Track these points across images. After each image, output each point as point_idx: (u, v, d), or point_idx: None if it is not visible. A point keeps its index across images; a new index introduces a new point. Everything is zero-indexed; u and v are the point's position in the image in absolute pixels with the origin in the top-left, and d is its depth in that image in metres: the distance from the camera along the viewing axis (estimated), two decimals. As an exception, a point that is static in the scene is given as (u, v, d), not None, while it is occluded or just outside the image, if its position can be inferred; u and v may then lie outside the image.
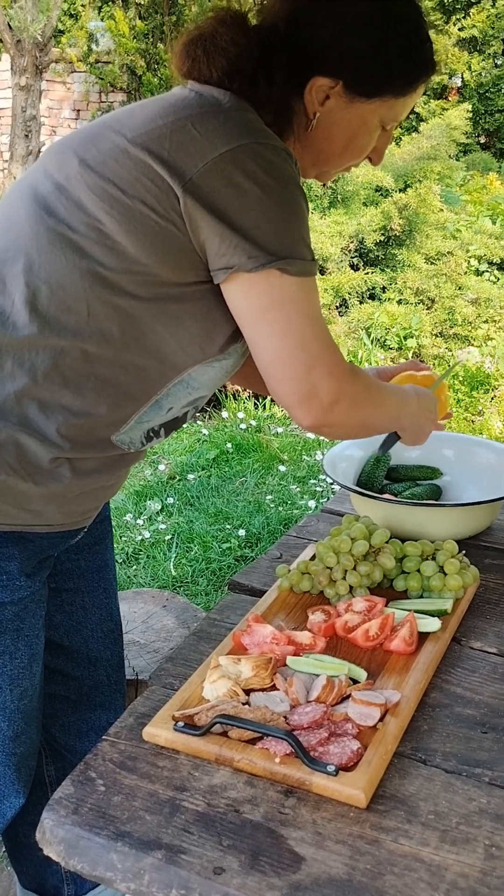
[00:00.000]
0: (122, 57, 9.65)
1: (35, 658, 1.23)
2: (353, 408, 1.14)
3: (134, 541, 3.51)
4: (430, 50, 1.18)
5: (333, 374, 1.10)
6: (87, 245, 1.06)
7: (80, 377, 1.10)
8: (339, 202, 7.69)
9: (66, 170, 1.09)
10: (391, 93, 1.16)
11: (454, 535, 1.52)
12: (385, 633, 1.21)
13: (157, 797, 0.95)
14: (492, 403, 5.36)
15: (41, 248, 1.07)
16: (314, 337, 1.08)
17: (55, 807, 0.94)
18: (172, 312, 1.09)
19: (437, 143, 9.14)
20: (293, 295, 1.06)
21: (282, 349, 1.07)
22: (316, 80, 1.13)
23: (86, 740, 1.46)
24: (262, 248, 1.03)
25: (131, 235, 1.04)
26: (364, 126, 1.19)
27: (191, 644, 1.27)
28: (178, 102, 1.08)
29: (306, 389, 1.09)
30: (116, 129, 1.08)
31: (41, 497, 1.14)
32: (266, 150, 1.04)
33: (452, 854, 0.88)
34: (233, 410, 5.03)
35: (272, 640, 1.18)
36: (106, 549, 1.44)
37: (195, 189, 1.01)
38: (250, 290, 1.05)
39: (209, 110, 1.06)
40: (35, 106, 7.99)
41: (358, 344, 5.99)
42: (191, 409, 1.22)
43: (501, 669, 1.20)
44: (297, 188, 1.07)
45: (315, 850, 0.88)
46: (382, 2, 1.14)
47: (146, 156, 1.03)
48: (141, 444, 1.20)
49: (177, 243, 1.05)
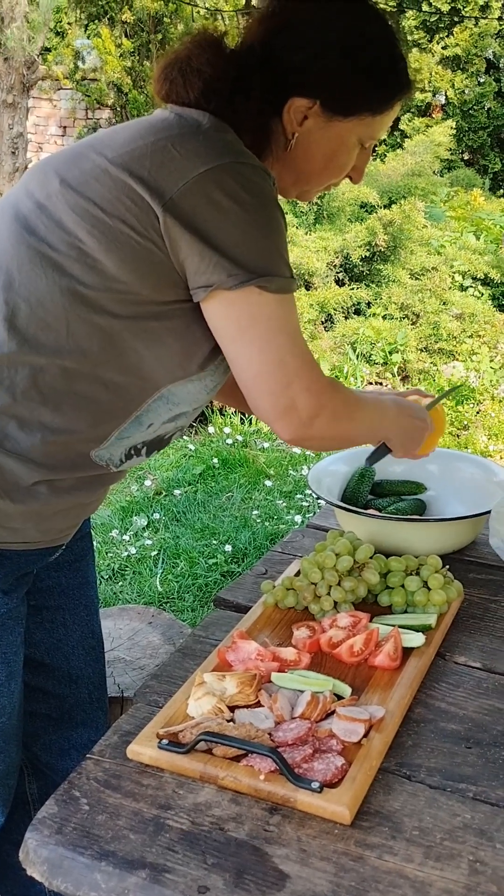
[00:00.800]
0: (108, 74, 9.71)
1: (13, 676, 1.22)
2: (333, 421, 1.16)
3: (120, 557, 3.50)
4: (404, 68, 1.21)
5: (311, 388, 1.11)
6: (67, 263, 1.06)
7: (60, 394, 1.10)
8: (324, 218, 7.75)
9: (48, 189, 1.10)
10: (368, 111, 1.18)
11: (438, 549, 1.53)
12: (370, 649, 1.21)
13: (141, 816, 0.95)
14: (477, 418, 5.39)
15: (21, 266, 1.08)
16: (291, 353, 1.09)
17: (39, 826, 0.94)
18: (152, 330, 1.10)
19: (420, 159, 9.23)
20: (271, 312, 1.07)
21: (260, 366, 1.09)
22: (294, 101, 1.15)
23: (68, 758, 1.45)
24: (241, 266, 1.04)
25: (111, 254, 1.05)
26: (343, 145, 1.20)
27: (176, 661, 1.27)
28: (158, 123, 1.10)
29: (284, 404, 1.10)
30: (98, 149, 1.09)
31: (19, 515, 1.14)
32: (245, 169, 1.05)
33: (437, 870, 0.88)
34: (219, 426, 5.03)
35: (257, 657, 1.18)
36: (87, 565, 1.44)
37: (175, 208, 1.02)
38: (229, 308, 1.07)
39: (189, 131, 1.07)
40: (22, 123, 8.02)
41: (343, 359, 6.02)
42: (172, 427, 1.21)
43: (485, 684, 1.21)
44: (276, 206, 1.08)
45: (300, 867, 0.88)
46: (355, 23, 1.16)
47: (126, 176, 1.04)
48: (120, 461, 1.20)
49: (156, 262, 1.06)
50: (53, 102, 10.47)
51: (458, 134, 12.63)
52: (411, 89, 1.22)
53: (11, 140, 7.92)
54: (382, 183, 8.71)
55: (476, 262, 7.42)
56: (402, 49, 1.20)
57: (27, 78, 7.85)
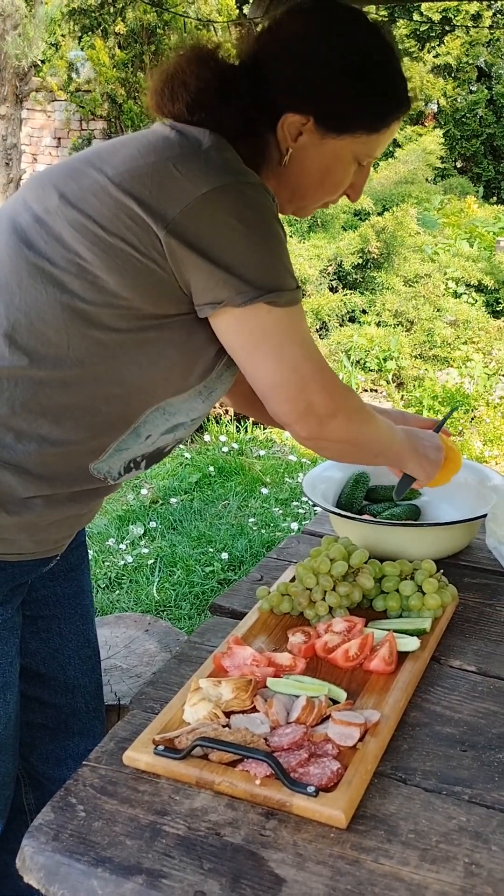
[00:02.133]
0: (102, 85, 9.76)
1: (8, 686, 1.22)
2: (349, 422, 1.18)
3: (116, 565, 3.50)
4: (402, 86, 1.19)
5: (327, 388, 1.14)
6: (66, 279, 1.07)
7: (59, 407, 1.10)
8: (318, 226, 7.78)
9: (46, 203, 1.10)
10: (363, 129, 1.17)
11: (433, 554, 1.54)
12: (365, 653, 1.22)
13: (137, 822, 0.95)
14: (472, 424, 5.40)
15: (21, 281, 1.08)
16: (305, 359, 1.12)
17: (35, 834, 0.94)
18: (153, 343, 1.10)
19: (413, 167, 9.28)
20: (283, 326, 1.09)
21: (276, 376, 1.11)
22: (287, 117, 1.15)
23: (64, 768, 1.44)
24: (249, 283, 1.05)
25: (112, 271, 1.05)
26: (338, 162, 1.20)
27: (171, 667, 1.27)
28: (158, 141, 1.09)
29: (303, 407, 1.14)
30: (97, 165, 1.09)
31: (13, 526, 1.14)
32: (246, 188, 1.06)
33: (433, 873, 0.88)
34: (215, 434, 5.04)
35: (252, 662, 1.19)
36: (82, 575, 1.44)
37: (178, 228, 1.03)
38: (241, 325, 1.08)
39: (190, 150, 1.07)
40: (16, 134, 8.05)
41: (338, 366, 6.03)
42: (171, 438, 1.21)
43: (480, 687, 1.21)
44: (277, 221, 1.10)
45: (296, 871, 0.88)
46: (350, 40, 1.14)
47: (126, 197, 1.04)
48: (119, 474, 1.20)
49: (158, 279, 1.06)
50: (48, 114, 10.51)
51: (451, 142, 12.71)
52: (409, 107, 1.21)
53: (5, 151, 7.95)
54: (376, 191, 8.76)
55: (469, 268, 7.45)
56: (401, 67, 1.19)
57: (20, 89, 7.89)
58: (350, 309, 6.75)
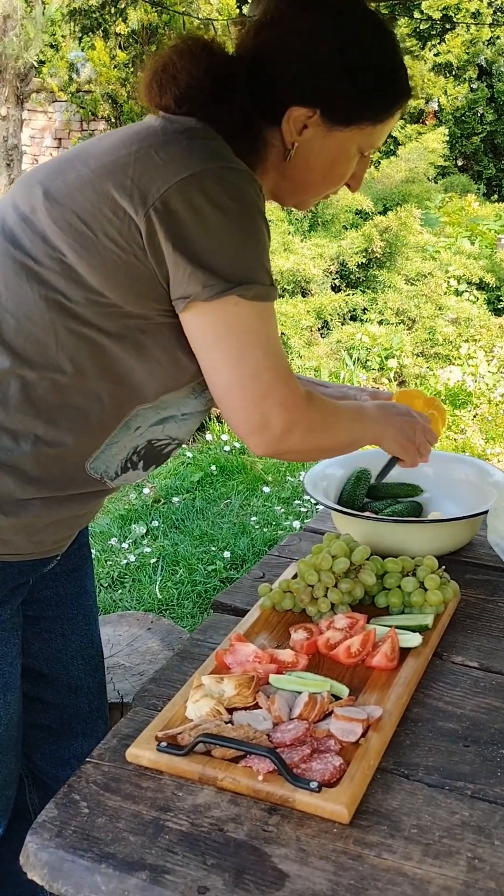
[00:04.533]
0: (103, 86, 9.76)
1: (9, 686, 1.22)
2: (308, 435, 1.14)
3: (119, 565, 3.51)
4: (404, 76, 1.19)
5: (285, 404, 1.09)
6: (51, 277, 1.06)
7: (53, 407, 1.10)
8: (319, 225, 7.78)
9: (32, 202, 1.09)
10: (369, 120, 1.17)
11: (435, 551, 1.54)
12: (367, 650, 1.22)
13: (140, 818, 0.95)
14: (474, 422, 5.40)
15: (8, 280, 1.08)
16: (266, 367, 1.07)
17: (39, 830, 0.94)
18: (140, 342, 1.10)
19: (415, 166, 9.28)
20: (248, 324, 1.05)
21: (234, 378, 1.07)
22: (293, 111, 1.14)
23: (68, 768, 1.44)
24: (218, 275, 1.02)
25: (94, 269, 1.05)
26: (343, 154, 1.20)
27: (174, 664, 1.27)
28: (142, 131, 1.09)
29: (257, 419, 1.09)
30: (83, 159, 1.09)
31: (10, 527, 1.14)
32: (229, 174, 1.04)
33: (436, 867, 0.88)
34: (216, 433, 5.04)
35: (255, 659, 1.19)
36: (85, 575, 1.43)
37: (157, 215, 1.01)
38: (205, 319, 1.05)
39: (173, 137, 1.06)
40: (17, 135, 8.05)
41: (340, 364, 6.03)
42: (160, 430, 1.20)
43: (483, 683, 1.21)
44: (259, 213, 1.07)
45: (299, 866, 0.88)
46: (354, 32, 1.14)
47: (109, 186, 1.04)
48: (116, 474, 1.19)
49: (139, 276, 1.05)
50: (48, 114, 10.51)
51: (452, 140, 12.69)
52: (410, 97, 1.21)
53: (6, 152, 7.96)
54: (377, 190, 8.75)
55: (471, 266, 7.44)
56: (401, 56, 1.19)
57: (21, 90, 7.90)
58: (352, 308, 6.75)
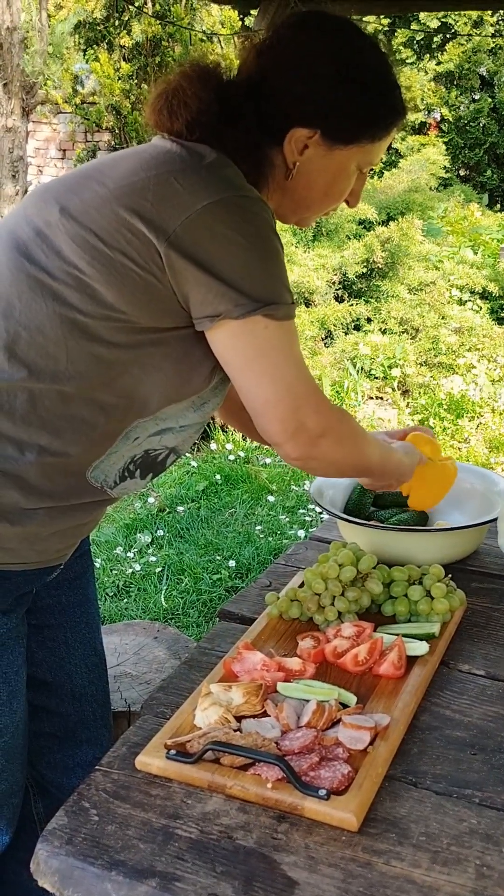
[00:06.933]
0: (107, 97, 9.82)
1: (14, 695, 1.23)
2: (338, 444, 1.19)
3: (125, 574, 3.51)
4: (399, 94, 1.24)
5: (319, 410, 1.15)
6: (66, 292, 1.08)
7: (58, 418, 1.11)
8: (323, 236, 7.81)
9: (47, 217, 1.11)
10: (367, 138, 1.21)
11: (441, 559, 1.54)
12: (374, 658, 1.22)
13: (150, 825, 0.96)
14: (477, 431, 5.41)
15: (21, 294, 1.09)
16: (299, 380, 1.13)
17: (49, 837, 0.95)
18: (151, 356, 1.11)
19: (417, 177, 9.32)
20: (278, 342, 1.10)
21: (270, 394, 1.12)
22: (295, 132, 1.17)
23: (73, 777, 1.44)
24: (247, 295, 1.06)
25: (111, 285, 1.06)
26: (343, 171, 1.23)
27: (182, 673, 1.28)
28: (160, 155, 1.11)
29: (294, 426, 1.13)
30: (99, 179, 1.11)
31: (14, 536, 1.15)
32: (245, 202, 1.08)
33: (444, 875, 0.89)
34: (221, 442, 5.05)
35: (262, 667, 1.19)
36: (87, 583, 1.44)
37: (178, 241, 1.04)
38: (237, 339, 1.09)
39: (192, 164, 1.09)
40: (22, 147, 8.12)
41: (343, 374, 6.05)
42: (157, 441, 1.21)
43: (489, 691, 1.22)
44: (275, 235, 1.11)
45: (308, 874, 0.89)
46: (352, 53, 1.18)
47: (127, 211, 1.06)
48: (115, 483, 1.20)
49: (156, 293, 1.07)
50: (53, 126, 10.57)
51: (454, 150, 12.74)
52: (406, 113, 1.25)
53: (12, 164, 8.02)
54: (380, 200, 8.79)
55: (473, 276, 7.47)
56: (396, 75, 1.23)
57: (27, 102, 7.96)
58: (355, 317, 6.77)
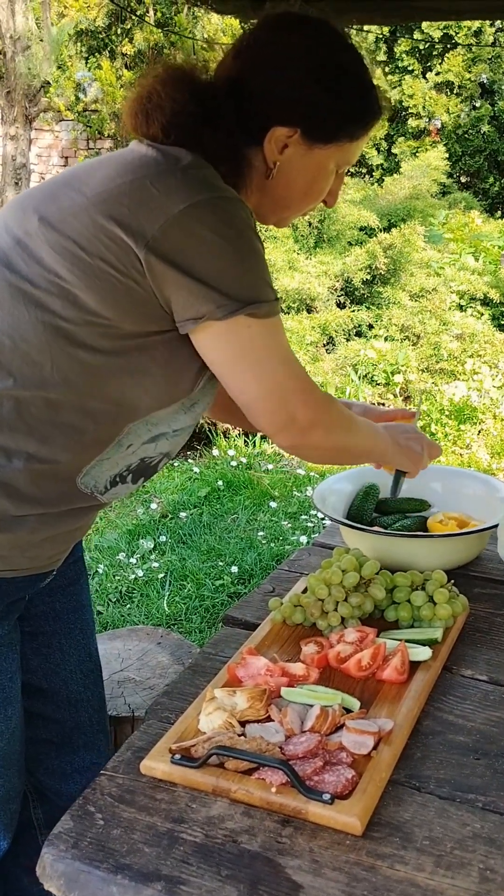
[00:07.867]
0: (109, 105, 9.86)
1: (9, 701, 1.23)
2: (329, 432, 1.22)
3: (127, 579, 3.52)
4: (377, 94, 1.25)
5: (308, 402, 1.17)
6: (48, 300, 1.08)
7: (45, 425, 1.11)
8: (324, 242, 7.83)
9: (26, 226, 1.11)
10: (347, 137, 1.22)
11: (443, 565, 1.55)
12: (377, 663, 1.23)
13: (155, 829, 0.96)
14: (479, 437, 5.41)
15: (3, 303, 1.10)
16: (286, 375, 1.15)
17: (55, 841, 0.95)
18: (136, 361, 1.11)
19: (418, 183, 9.35)
20: (262, 340, 1.11)
21: (259, 391, 1.14)
22: (275, 131, 1.17)
23: (71, 782, 1.44)
24: (229, 296, 1.06)
25: (92, 291, 1.07)
26: (322, 171, 1.24)
27: (186, 678, 1.28)
28: (136, 160, 1.11)
29: (284, 419, 1.16)
30: (76, 186, 1.11)
31: (5, 543, 1.16)
32: (223, 202, 1.08)
33: (448, 878, 0.89)
34: (223, 448, 5.06)
35: (266, 672, 1.20)
36: (80, 589, 1.44)
37: (157, 245, 1.04)
38: (221, 339, 1.10)
39: (167, 168, 1.08)
40: (24, 154, 8.15)
41: (345, 380, 6.06)
42: (152, 448, 1.21)
43: (492, 696, 1.22)
44: (254, 234, 1.11)
45: (312, 877, 0.89)
46: (330, 53, 1.19)
47: (105, 218, 1.06)
48: (105, 489, 1.20)
49: (138, 298, 1.07)
50: (55, 133, 10.63)
51: (455, 158, 12.78)
52: (382, 113, 1.26)
53: (14, 171, 8.05)
54: (381, 206, 8.81)
55: (475, 282, 7.49)
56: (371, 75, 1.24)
57: (30, 110, 8.00)
58: (357, 324, 6.78)
